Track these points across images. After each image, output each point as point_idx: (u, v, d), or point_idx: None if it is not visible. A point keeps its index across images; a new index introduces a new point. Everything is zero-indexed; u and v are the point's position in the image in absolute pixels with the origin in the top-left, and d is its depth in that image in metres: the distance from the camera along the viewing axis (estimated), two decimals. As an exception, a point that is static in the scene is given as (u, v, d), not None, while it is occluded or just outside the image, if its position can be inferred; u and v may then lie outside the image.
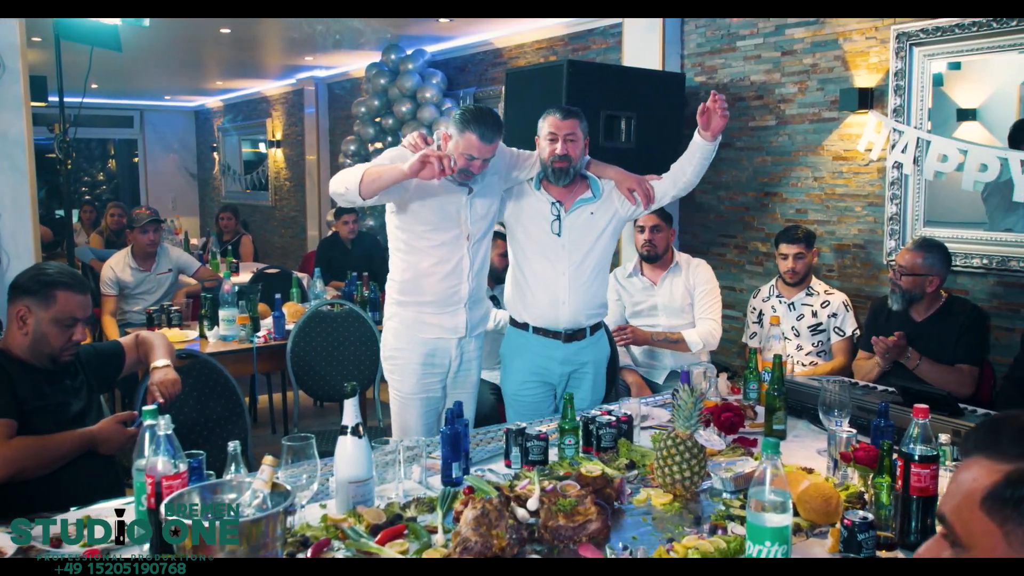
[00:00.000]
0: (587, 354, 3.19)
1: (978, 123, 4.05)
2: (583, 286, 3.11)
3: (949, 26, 3.81)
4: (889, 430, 2.15)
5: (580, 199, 3.11)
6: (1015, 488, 0.78)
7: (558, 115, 3.00)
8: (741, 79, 4.87)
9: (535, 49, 6.39)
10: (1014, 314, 3.74)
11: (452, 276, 2.97)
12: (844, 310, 3.99)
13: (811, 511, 1.87)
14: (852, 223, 4.37)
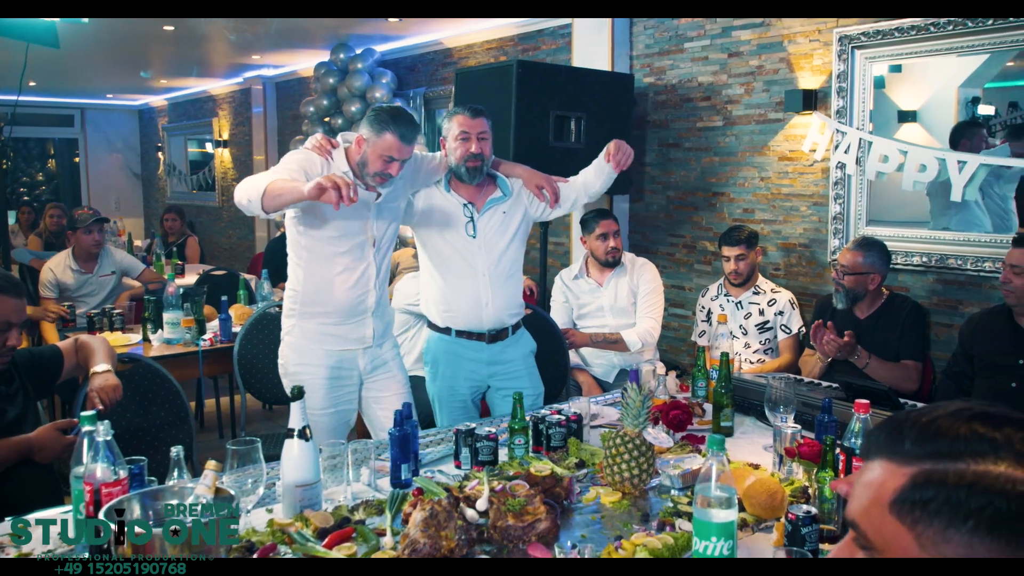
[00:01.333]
0: (512, 352, 3.18)
1: (918, 124, 4.16)
2: (503, 285, 3.10)
3: (889, 29, 3.90)
4: (832, 425, 2.19)
5: (491, 199, 3.10)
6: (922, 491, 0.78)
7: (467, 114, 2.98)
8: (689, 80, 4.92)
9: (485, 49, 6.39)
10: (952, 311, 3.84)
11: (359, 285, 2.86)
12: (790, 308, 4.06)
13: (757, 506, 1.89)
14: (797, 222, 4.45)
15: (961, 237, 3.84)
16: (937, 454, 0.79)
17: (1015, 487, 0.74)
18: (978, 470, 0.76)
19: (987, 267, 3.70)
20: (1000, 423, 0.78)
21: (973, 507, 0.75)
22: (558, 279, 4.22)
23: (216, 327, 4.35)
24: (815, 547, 1.68)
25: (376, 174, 2.76)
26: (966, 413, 0.80)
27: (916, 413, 0.83)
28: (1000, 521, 0.74)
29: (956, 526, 0.76)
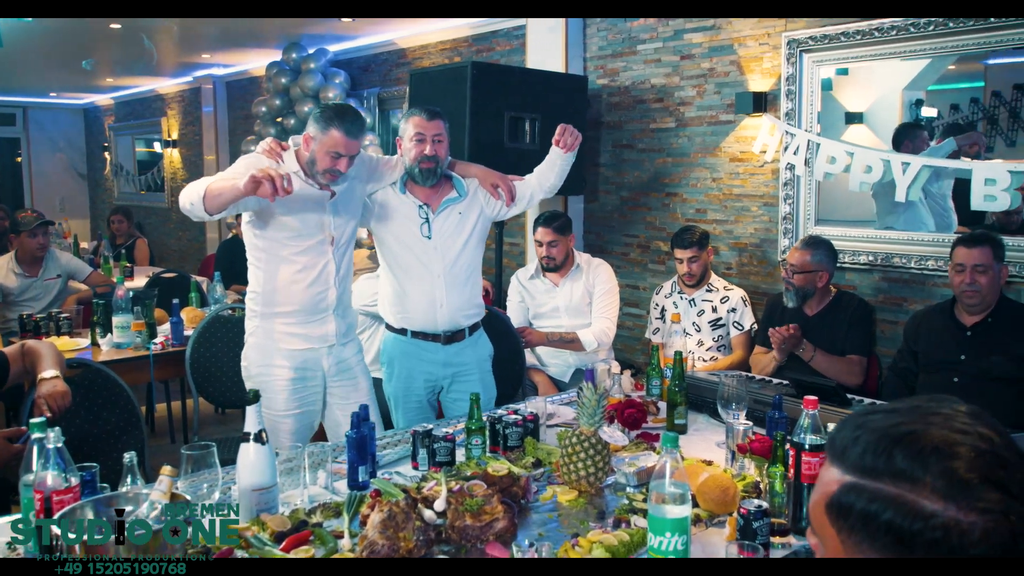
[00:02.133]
0: (468, 354, 3.19)
1: (865, 126, 4.26)
2: (459, 287, 3.11)
3: (835, 34, 3.99)
4: (783, 421, 2.24)
5: (447, 200, 3.10)
6: (847, 500, 0.83)
7: (423, 116, 2.98)
8: (642, 82, 4.98)
9: (439, 50, 6.38)
10: (897, 308, 3.95)
11: (318, 283, 2.87)
12: (743, 305, 4.13)
13: (710, 501, 1.93)
14: (749, 222, 4.52)
15: (905, 236, 3.94)
16: (866, 468, 0.82)
17: (919, 514, 0.78)
18: (894, 492, 0.79)
19: (930, 265, 3.81)
20: (926, 450, 0.80)
21: (882, 526, 0.79)
22: (514, 279, 4.23)
23: (167, 330, 4.28)
24: (766, 540, 1.72)
25: (325, 171, 2.77)
26: (901, 431, 0.82)
27: (871, 419, 0.85)
28: (904, 544, 0.78)
29: (869, 541, 0.81)
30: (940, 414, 0.83)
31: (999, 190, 3.47)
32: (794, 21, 4.18)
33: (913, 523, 0.78)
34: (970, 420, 0.82)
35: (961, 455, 0.79)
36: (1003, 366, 3.16)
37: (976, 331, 3.26)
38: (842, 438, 0.86)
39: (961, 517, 0.76)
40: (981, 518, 0.76)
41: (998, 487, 0.77)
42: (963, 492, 0.77)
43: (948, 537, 0.76)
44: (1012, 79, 3.69)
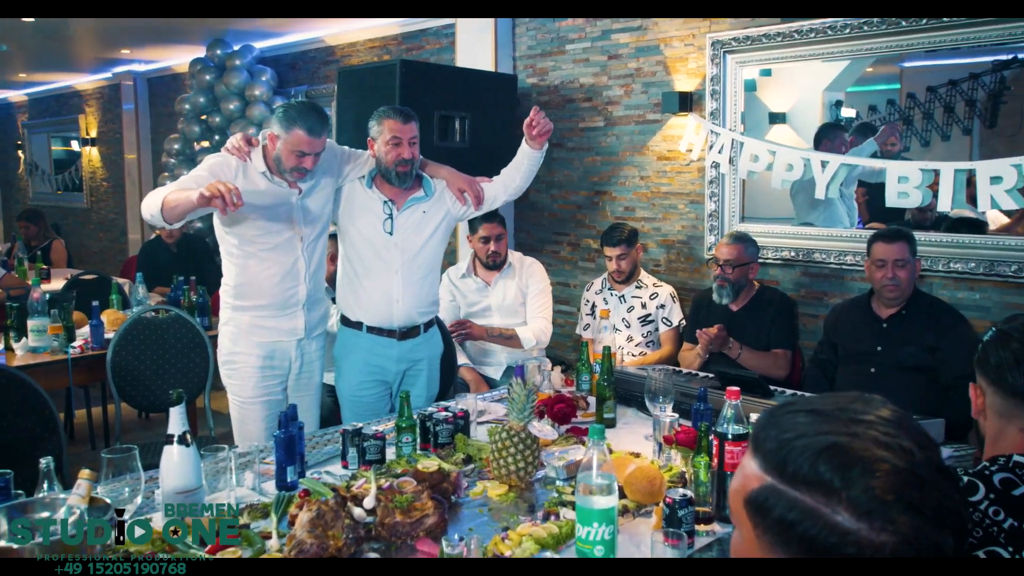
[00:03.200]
0: (421, 351, 3.22)
1: (788, 126, 4.38)
2: (416, 284, 3.13)
3: (757, 36, 4.09)
4: (708, 413, 2.28)
5: (413, 198, 3.13)
6: (765, 501, 0.85)
7: (399, 119, 2.99)
8: (571, 81, 5.02)
9: (368, 48, 6.33)
10: (818, 302, 4.07)
11: (288, 278, 2.94)
12: (671, 301, 4.20)
13: (637, 492, 1.96)
14: (676, 220, 4.61)
15: (825, 232, 4.07)
16: (787, 474, 0.84)
17: (833, 530, 0.80)
18: (811, 505, 0.81)
19: (848, 260, 3.93)
20: (848, 464, 0.81)
21: (796, 535, 0.82)
22: (445, 277, 4.23)
23: (87, 333, 4.15)
24: (691, 528, 1.75)
25: (292, 169, 2.83)
26: (825, 441, 0.83)
27: (798, 422, 0.86)
28: (815, 555, 0.81)
29: (783, 545, 0.83)
30: (864, 422, 0.84)
31: (912, 187, 3.61)
32: (718, 23, 4.27)
33: (828, 537, 0.80)
34: (893, 430, 0.84)
35: (881, 473, 0.80)
36: (916, 356, 3.28)
37: (891, 323, 3.38)
38: (766, 436, 0.87)
39: (873, 537, 0.79)
40: (892, 539, 0.78)
41: (911, 509, 0.79)
42: (878, 512, 0.79)
43: (860, 554, 0.79)
44: (925, 81, 3.84)
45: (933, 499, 0.80)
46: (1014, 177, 3.35)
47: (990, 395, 1.47)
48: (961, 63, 3.80)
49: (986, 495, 1.37)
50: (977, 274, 3.56)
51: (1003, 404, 1.44)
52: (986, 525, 1.34)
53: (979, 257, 3.56)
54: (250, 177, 2.85)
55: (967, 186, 3.50)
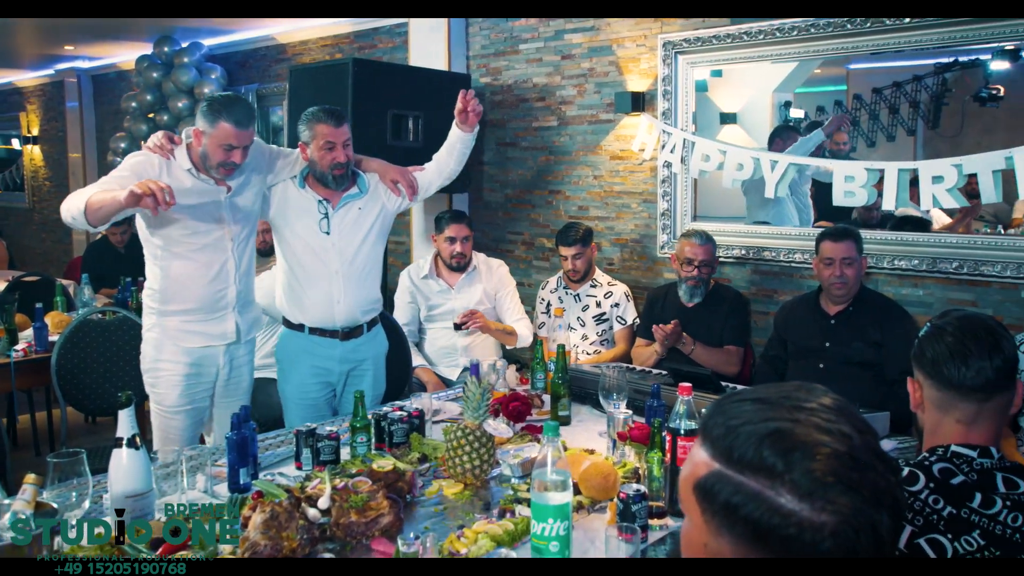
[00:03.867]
0: (365, 350, 3.18)
1: (738, 126, 4.46)
2: (357, 283, 3.09)
3: (708, 37, 4.15)
4: (661, 409, 2.31)
5: (347, 196, 3.08)
6: (713, 487, 0.87)
7: (331, 122, 2.94)
8: (524, 81, 5.04)
9: (320, 46, 6.27)
10: (768, 299, 4.14)
11: (217, 280, 2.86)
12: (625, 300, 4.24)
13: (592, 488, 1.98)
14: (629, 219, 4.65)
15: (775, 231, 4.14)
16: (733, 459, 0.86)
17: (776, 511, 0.82)
18: (756, 488, 0.84)
19: (797, 258, 4.01)
20: (791, 448, 0.84)
21: (741, 518, 0.84)
22: (405, 277, 4.18)
23: (30, 336, 4.05)
24: (644, 523, 1.78)
25: (219, 164, 2.75)
26: (769, 427, 0.86)
27: (744, 410, 0.89)
28: (760, 537, 0.83)
29: (728, 528, 0.86)
30: (806, 408, 0.87)
31: (857, 187, 3.68)
32: (669, 23, 4.32)
33: (771, 519, 0.82)
34: (834, 416, 0.87)
35: (821, 456, 0.83)
36: (863, 352, 3.36)
37: (839, 319, 3.45)
38: (714, 424, 0.90)
39: (814, 517, 0.81)
40: (832, 519, 0.81)
41: (850, 490, 0.82)
42: (819, 493, 0.82)
43: (801, 535, 0.82)
44: (871, 83, 3.93)
45: (870, 480, 0.83)
46: (955, 177, 3.44)
47: (927, 388, 1.51)
48: (905, 65, 3.89)
49: (926, 484, 1.41)
50: (920, 271, 3.66)
51: (940, 397, 1.49)
52: (927, 513, 1.38)
53: (922, 254, 3.65)
54: (175, 175, 2.75)
55: (911, 185, 3.60)
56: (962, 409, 1.48)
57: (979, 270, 3.50)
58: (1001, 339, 1.49)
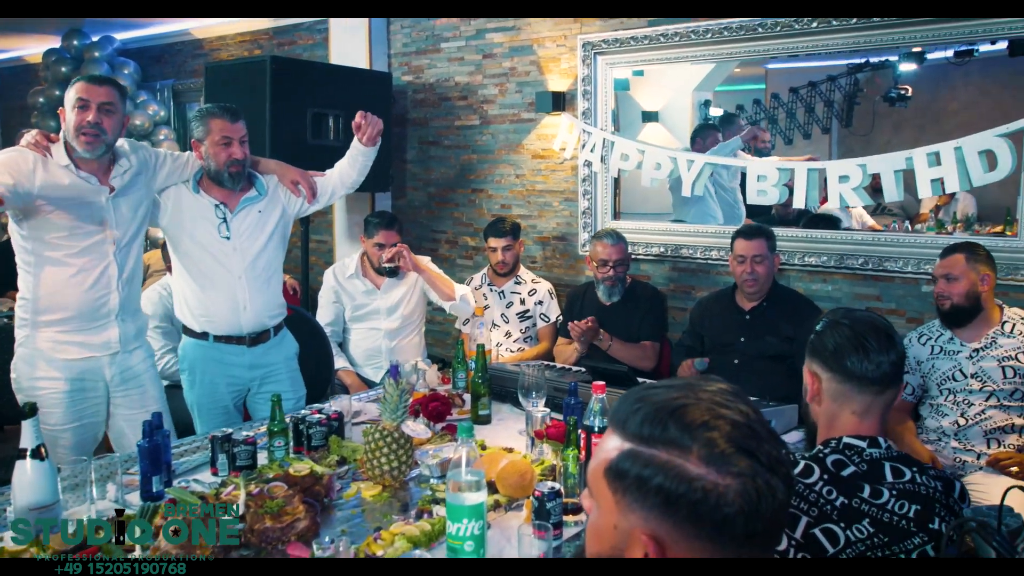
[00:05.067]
0: (275, 355, 3.12)
1: (660, 124, 4.55)
2: (262, 287, 3.03)
3: (626, 38, 4.22)
4: (578, 407, 2.35)
5: (246, 199, 3.01)
6: (624, 465, 0.94)
7: (226, 118, 2.88)
8: (446, 79, 5.04)
9: (238, 42, 6.16)
10: (686, 295, 4.24)
11: (98, 286, 2.69)
12: (549, 298, 4.29)
13: (509, 487, 2.01)
14: (551, 217, 4.70)
15: (692, 229, 4.25)
16: (643, 437, 0.93)
17: (684, 478, 0.89)
18: (664, 459, 0.91)
19: (714, 255, 4.12)
20: (695, 420, 0.92)
21: (652, 488, 0.91)
22: (330, 276, 4.11)
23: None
24: (559, 519, 1.81)
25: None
26: (675, 404, 0.94)
27: (650, 393, 0.96)
28: (670, 504, 0.90)
29: (641, 501, 0.92)
30: (708, 391, 0.95)
31: (770, 185, 3.80)
32: (589, 24, 4.38)
33: (679, 486, 0.89)
34: (731, 397, 0.95)
35: (722, 427, 0.91)
36: (776, 346, 3.47)
37: (753, 315, 3.56)
38: (624, 409, 0.96)
39: (719, 480, 0.89)
40: (735, 481, 0.89)
41: (749, 455, 0.90)
42: (721, 459, 0.89)
43: (707, 498, 0.89)
44: (788, 83, 4.06)
45: (766, 450, 0.92)
46: (860, 176, 3.58)
47: (826, 380, 1.58)
48: (820, 66, 4.04)
49: (820, 476, 1.48)
50: (829, 267, 3.80)
51: (838, 389, 1.56)
52: (821, 504, 1.45)
53: (830, 251, 3.79)
54: (51, 171, 2.60)
55: (824, 184, 3.73)
56: (858, 401, 1.55)
57: (883, 266, 3.66)
58: (894, 334, 1.58)
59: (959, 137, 3.32)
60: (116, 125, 2.69)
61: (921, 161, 3.45)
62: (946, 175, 3.39)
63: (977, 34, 3.36)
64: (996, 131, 3.28)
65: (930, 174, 3.43)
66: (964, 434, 2.99)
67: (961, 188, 3.43)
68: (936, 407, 3.10)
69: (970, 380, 3.00)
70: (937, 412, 3.09)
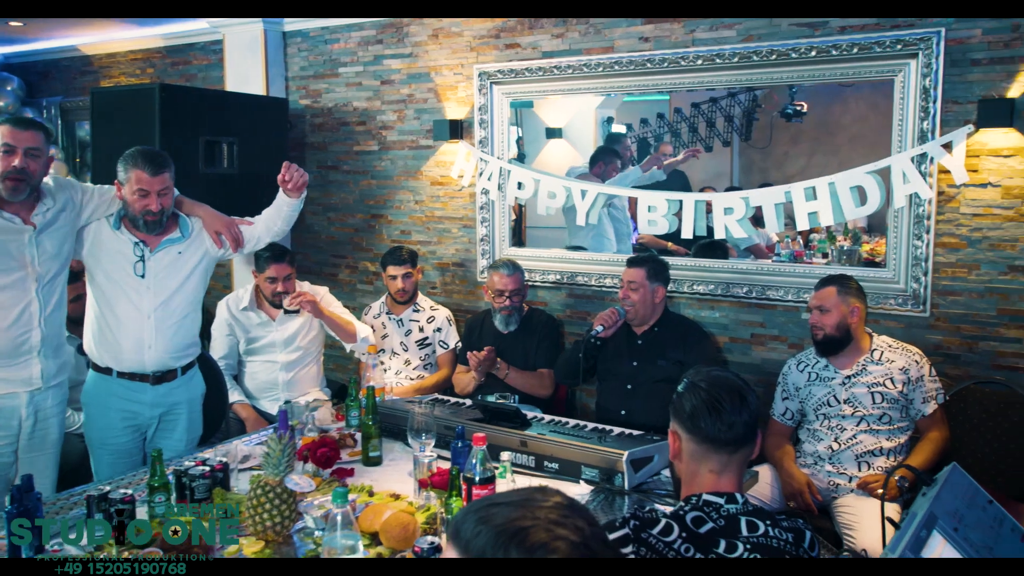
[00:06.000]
0: (179, 394, 3.09)
1: (564, 140, 4.63)
2: (171, 328, 3.01)
3: (520, 69, 4.28)
4: (465, 450, 2.37)
5: (168, 239, 3.00)
6: None
7: (147, 170, 2.84)
8: (344, 104, 5.02)
9: (130, 60, 5.98)
10: (582, 321, 4.33)
11: (19, 324, 2.73)
12: (447, 325, 4.31)
13: (392, 539, 2.03)
14: (450, 243, 4.73)
15: (587, 257, 4.35)
16: None
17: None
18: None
19: (607, 282, 4.22)
20: (534, 545, 0.95)
21: None
22: (223, 308, 4.02)
23: None
24: (438, 575, 1.84)
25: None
26: (515, 527, 0.97)
27: (492, 514, 0.99)
28: None
29: None
30: (545, 507, 0.99)
31: (659, 216, 3.93)
32: (484, 54, 4.43)
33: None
34: (568, 513, 0.99)
35: (560, 548, 0.95)
36: (666, 370, 3.58)
37: (645, 340, 3.67)
38: (465, 530, 0.99)
39: None
40: None
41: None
42: None
43: None
44: (691, 98, 4.18)
45: None
46: (743, 208, 3.74)
47: (685, 440, 1.66)
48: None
49: (679, 534, 1.55)
50: (716, 295, 3.94)
51: (696, 448, 1.64)
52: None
53: (717, 280, 3.94)
54: None
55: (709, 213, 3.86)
56: (715, 460, 1.63)
57: (766, 294, 3.82)
58: (747, 394, 1.66)
59: (851, 148, 3.50)
60: (41, 168, 2.76)
61: (799, 195, 3.63)
62: (821, 209, 3.58)
63: (849, 76, 3.55)
64: (866, 168, 3.48)
65: (807, 207, 3.62)
66: (837, 458, 3.15)
67: (835, 221, 3.62)
68: (812, 432, 3.25)
69: (843, 406, 3.17)
70: (813, 436, 3.25)
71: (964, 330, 3.41)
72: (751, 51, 3.67)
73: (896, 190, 3.41)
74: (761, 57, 3.66)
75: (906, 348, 3.20)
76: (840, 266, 3.78)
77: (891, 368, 3.13)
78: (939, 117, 3.33)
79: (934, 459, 3.05)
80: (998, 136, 3.26)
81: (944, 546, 1.57)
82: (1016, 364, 3.32)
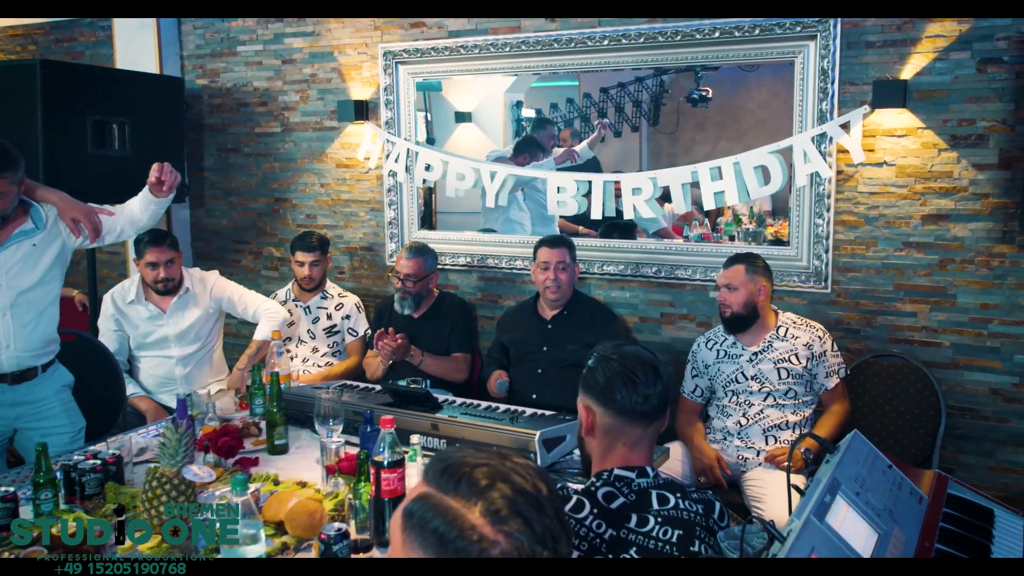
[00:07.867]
0: (43, 389, 2.92)
1: (474, 124, 4.56)
2: (28, 327, 2.83)
3: (427, 48, 4.21)
4: (374, 435, 2.31)
5: (19, 231, 2.79)
6: (416, 508, 0.99)
7: None
8: (244, 84, 4.84)
9: (10, 36, 5.62)
10: (493, 304, 4.30)
11: None
12: (356, 311, 4.21)
13: (298, 528, 1.95)
14: (358, 227, 4.62)
15: (498, 239, 4.30)
16: (440, 485, 0.99)
17: (463, 525, 0.95)
18: (450, 505, 0.97)
19: (518, 265, 4.19)
20: (493, 480, 0.99)
21: (430, 530, 0.96)
22: (108, 302, 3.79)
23: None
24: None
25: None
26: (477, 463, 1.00)
27: (464, 454, 1.03)
28: (442, 547, 0.96)
29: (420, 541, 0.98)
30: (513, 462, 1.03)
31: (569, 197, 3.92)
32: (389, 33, 4.33)
33: (451, 531, 0.95)
34: (532, 473, 1.03)
35: (506, 491, 0.99)
36: (577, 353, 3.57)
37: (555, 323, 3.66)
38: (434, 460, 1.05)
39: (490, 535, 0.95)
40: (504, 540, 0.96)
41: (525, 522, 0.97)
42: (497, 517, 0.96)
43: (473, 548, 0.95)
44: (599, 82, 4.17)
45: (544, 523, 0.99)
46: (651, 188, 3.76)
47: (599, 415, 1.64)
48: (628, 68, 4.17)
49: (591, 510, 1.53)
50: (626, 275, 3.96)
51: (611, 422, 1.62)
52: (591, 538, 1.50)
53: (627, 260, 3.96)
54: None
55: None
56: (630, 434, 1.62)
57: (674, 274, 3.86)
58: (659, 367, 1.65)
59: (755, 133, 3.56)
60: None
61: (705, 175, 3.67)
62: (727, 188, 3.63)
63: (751, 57, 3.61)
64: (769, 148, 3.54)
65: (713, 187, 3.67)
66: (746, 432, 3.21)
67: (740, 200, 3.68)
68: (722, 408, 3.30)
69: (750, 382, 3.22)
70: (723, 413, 3.30)
71: (863, 305, 3.52)
72: (656, 32, 3.69)
73: (798, 169, 3.50)
74: (666, 38, 3.68)
75: (809, 324, 3.28)
76: (747, 244, 3.85)
77: (796, 344, 3.20)
78: (837, 98, 3.42)
79: (837, 431, 3.13)
80: (892, 116, 3.37)
81: (847, 510, 1.60)
82: (911, 337, 3.44)
